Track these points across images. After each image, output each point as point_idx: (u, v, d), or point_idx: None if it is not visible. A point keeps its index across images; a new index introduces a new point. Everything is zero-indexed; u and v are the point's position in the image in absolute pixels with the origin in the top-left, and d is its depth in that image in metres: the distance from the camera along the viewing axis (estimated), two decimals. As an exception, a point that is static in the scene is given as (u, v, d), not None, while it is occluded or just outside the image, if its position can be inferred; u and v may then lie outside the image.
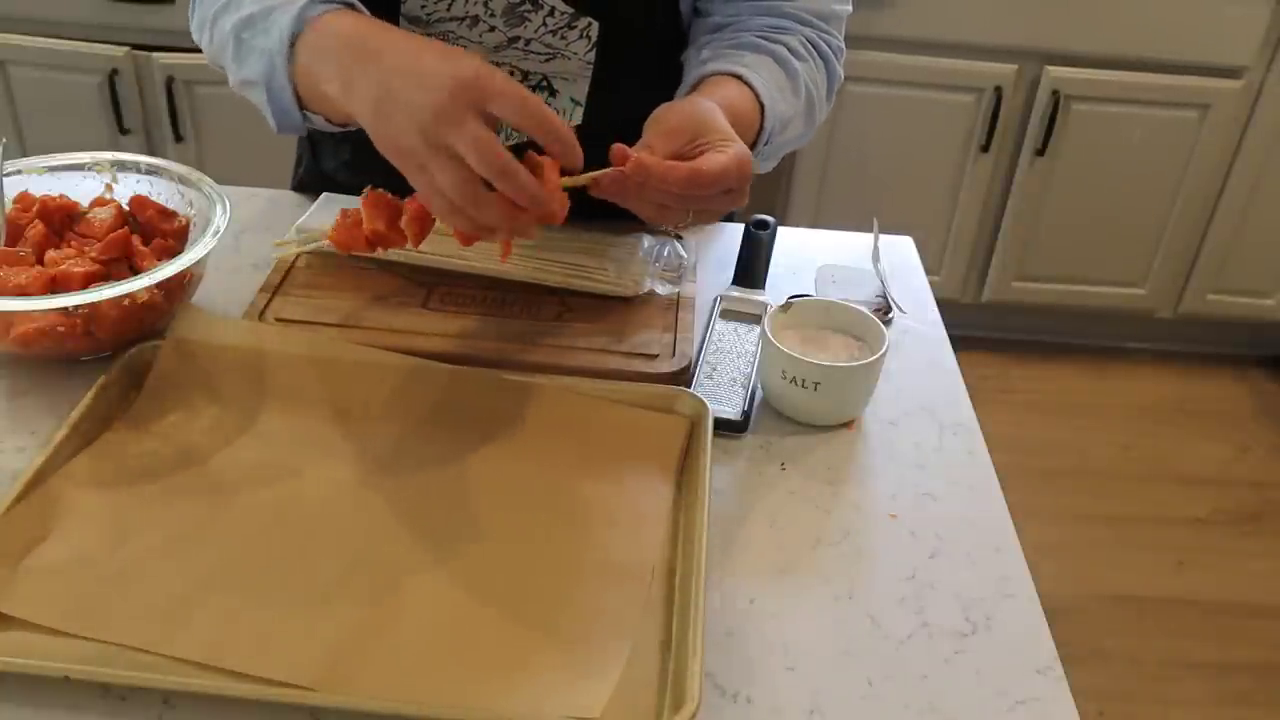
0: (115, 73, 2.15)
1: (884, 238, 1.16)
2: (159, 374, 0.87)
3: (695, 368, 0.94)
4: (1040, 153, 2.33)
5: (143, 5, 2.12)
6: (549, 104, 1.04)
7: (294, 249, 0.92)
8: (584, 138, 1.05)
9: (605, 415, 0.86)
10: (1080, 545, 2.12)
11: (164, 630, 0.67)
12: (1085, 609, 1.98)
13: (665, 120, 0.81)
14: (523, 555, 0.75)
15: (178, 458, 0.81)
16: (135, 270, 0.92)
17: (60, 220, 0.96)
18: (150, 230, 0.97)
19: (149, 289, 0.88)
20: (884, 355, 0.89)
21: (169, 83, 2.16)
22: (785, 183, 2.41)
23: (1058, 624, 0.74)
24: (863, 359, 0.89)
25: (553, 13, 0.96)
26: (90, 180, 1.00)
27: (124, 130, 2.21)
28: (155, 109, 2.21)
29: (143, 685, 0.64)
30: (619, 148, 0.75)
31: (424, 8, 0.96)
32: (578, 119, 1.05)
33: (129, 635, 0.67)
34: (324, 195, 1.07)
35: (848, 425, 0.91)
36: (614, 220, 1.07)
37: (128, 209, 0.98)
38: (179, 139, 2.23)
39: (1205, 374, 2.63)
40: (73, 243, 0.94)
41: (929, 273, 1.14)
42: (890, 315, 1.05)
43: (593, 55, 0.99)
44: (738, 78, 0.91)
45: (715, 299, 1.03)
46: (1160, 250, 2.48)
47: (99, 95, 2.18)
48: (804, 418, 0.90)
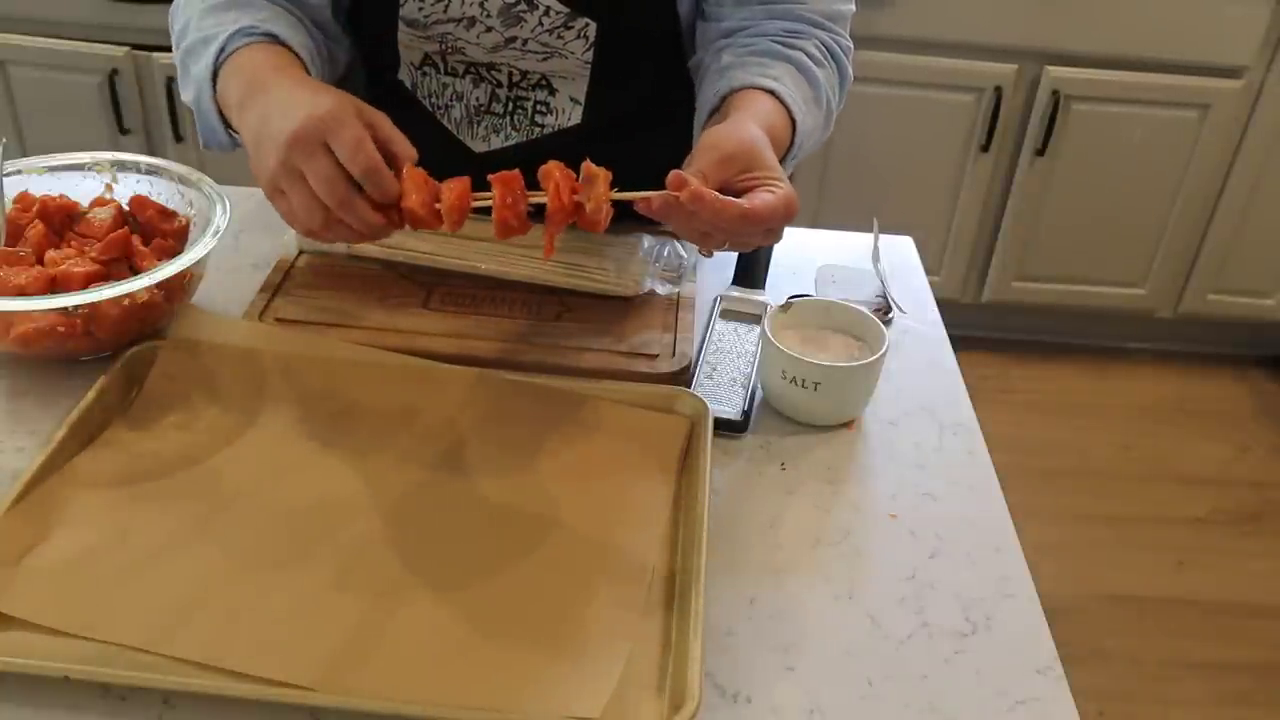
0: (115, 73, 2.15)
1: (884, 238, 1.16)
2: (159, 374, 0.87)
3: (695, 368, 0.94)
4: (1040, 153, 2.33)
5: (143, 5, 2.12)
6: (547, 103, 1.04)
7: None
8: (583, 136, 1.05)
9: (605, 415, 0.86)
10: (1080, 545, 2.12)
11: (164, 630, 0.67)
12: (1085, 609, 1.98)
13: (720, 147, 0.80)
14: (522, 555, 0.75)
15: (178, 458, 0.81)
16: (135, 270, 0.92)
17: (60, 220, 0.96)
18: (150, 230, 0.97)
19: (149, 289, 0.88)
20: (884, 355, 0.89)
21: (169, 83, 2.16)
22: (785, 183, 2.40)
23: (1058, 624, 0.74)
24: (863, 359, 0.89)
25: (549, 13, 0.96)
26: (90, 180, 1.00)
27: (124, 130, 2.21)
28: (155, 109, 2.21)
29: (143, 685, 0.64)
30: (677, 175, 0.76)
31: (421, 10, 0.97)
32: (577, 118, 1.05)
33: (129, 635, 0.67)
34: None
35: (848, 425, 0.91)
36: (615, 221, 1.08)
37: (128, 209, 0.98)
38: (179, 139, 2.23)
39: (1205, 374, 2.63)
40: (73, 243, 0.94)
41: (929, 273, 1.14)
42: (890, 315, 1.05)
43: (590, 55, 1.00)
44: (770, 93, 0.90)
45: (715, 299, 1.03)
46: (1160, 250, 2.48)
47: (99, 95, 2.18)
48: (804, 418, 0.90)
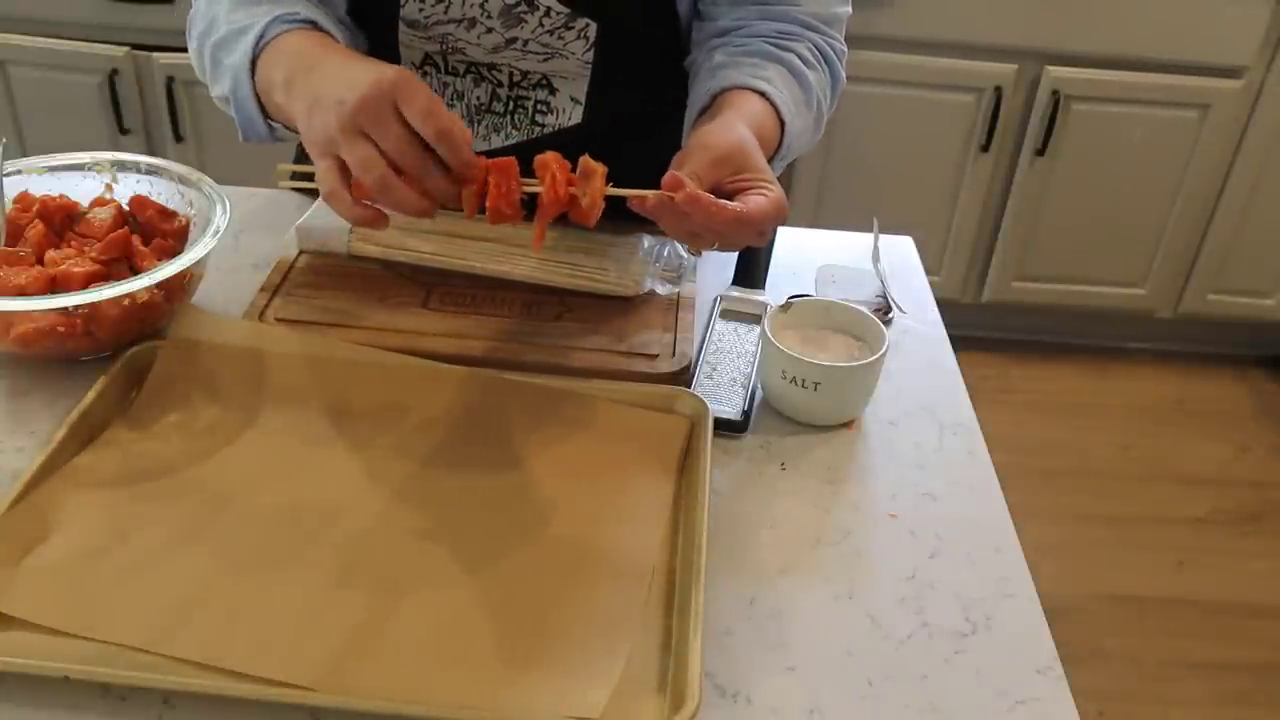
0: (115, 73, 2.15)
1: (884, 238, 1.16)
2: (159, 374, 0.87)
3: (695, 368, 0.94)
4: (1040, 153, 2.34)
5: (143, 5, 2.12)
6: (548, 102, 1.04)
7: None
8: (583, 136, 1.05)
9: (605, 415, 0.86)
10: (1080, 545, 2.12)
11: (164, 630, 0.67)
12: (1085, 609, 1.98)
13: (712, 149, 0.81)
14: (522, 555, 0.75)
15: (178, 458, 0.81)
16: (135, 270, 0.92)
17: (60, 220, 0.96)
18: (150, 230, 0.97)
19: (149, 289, 0.88)
20: (884, 355, 0.89)
21: (169, 83, 2.16)
22: (785, 183, 2.40)
23: (1058, 624, 0.74)
24: (863, 359, 0.89)
25: (549, 13, 0.96)
26: (90, 180, 1.00)
27: (124, 130, 2.21)
28: (155, 109, 2.21)
29: (143, 685, 0.64)
30: (674, 176, 0.77)
31: (421, 11, 0.97)
32: (577, 118, 1.05)
33: (129, 635, 0.67)
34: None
35: (848, 425, 0.91)
36: (614, 220, 1.08)
37: (128, 209, 0.98)
38: (179, 139, 2.23)
39: (1205, 374, 2.63)
40: (73, 243, 0.94)
41: (929, 273, 1.14)
42: (890, 315, 1.05)
43: (591, 55, 1.00)
44: (761, 94, 0.91)
45: (715, 299, 1.03)
46: (1160, 250, 2.48)
47: (99, 95, 2.18)
48: (804, 418, 0.90)
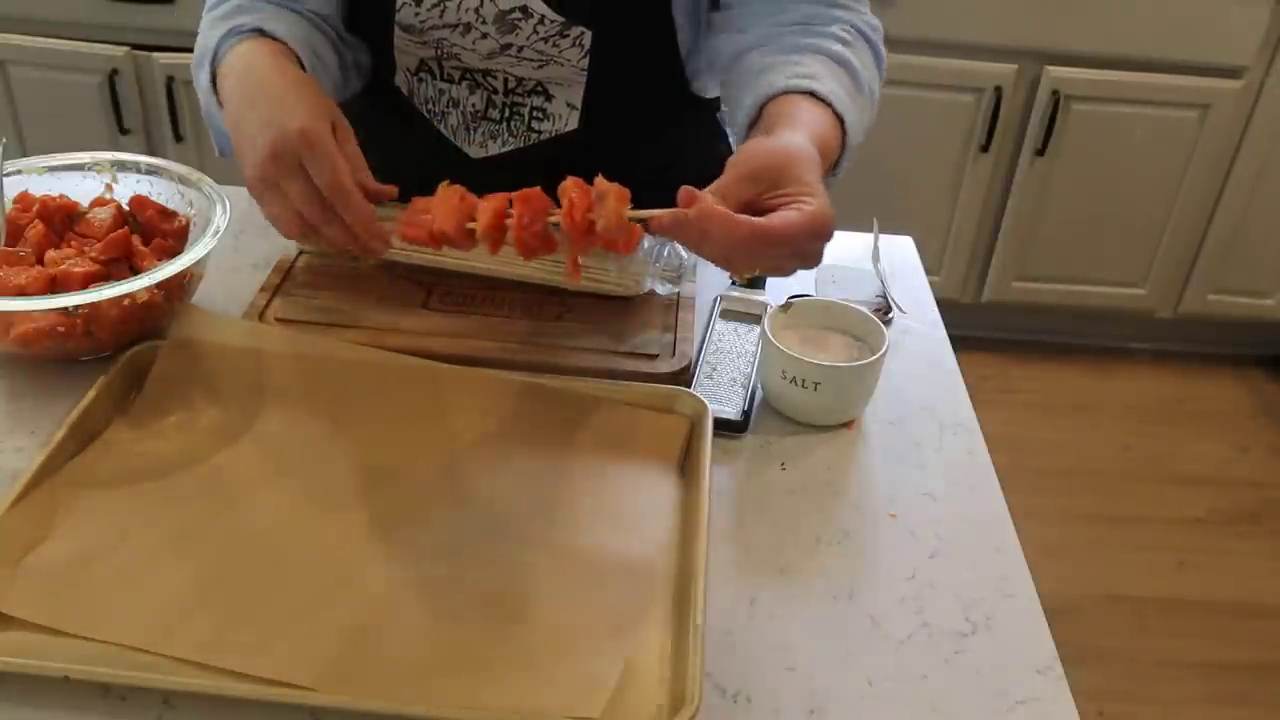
0: (115, 73, 2.15)
1: (884, 238, 1.16)
2: (159, 374, 0.87)
3: (695, 368, 0.94)
4: (1040, 153, 2.33)
5: (143, 5, 2.12)
6: (544, 109, 1.04)
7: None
8: (581, 142, 1.05)
9: (605, 415, 0.86)
10: (1080, 545, 2.12)
11: (164, 630, 0.67)
12: (1085, 609, 1.98)
13: (746, 163, 0.74)
14: (522, 555, 0.75)
15: (178, 458, 0.81)
16: (135, 270, 0.92)
17: (60, 220, 0.96)
18: (150, 230, 0.97)
19: (149, 289, 0.88)
20: (884, 355, 0.89)
21: (169, 83, 2.16)
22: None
23: (1058, 624, 0.74)
24: (863, 359, 0.89)
25: (543, 21, 0.95)
26: (90, 180, 1.00)
27: (124, 130, 2.21)
28: (155, 109, 2.21)
29: (142, 685, 0.64)
30: (687, 191, 0.70)
31: (417, 15, 0.96)
32: (574, 123, 1.04)
33: (129, 635, 0.67)
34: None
35: (848, 425, 0.91)
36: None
37: (128, 209, 0.98)
38: (179, 139, 2.23)
39: (1205, 374, 2.63)
40: (73, 243, 0.94)
41: (929, 273, 1.14)
42: (890, 315, 1.05)
43: (586, 62, 0.99)
44: (809, 94, 0.85)
45: (715, 299, 1.03)
46: (1160, 250, 2.48)
47: (99, 95, 2.18)
48: (804, 418, 0.90)
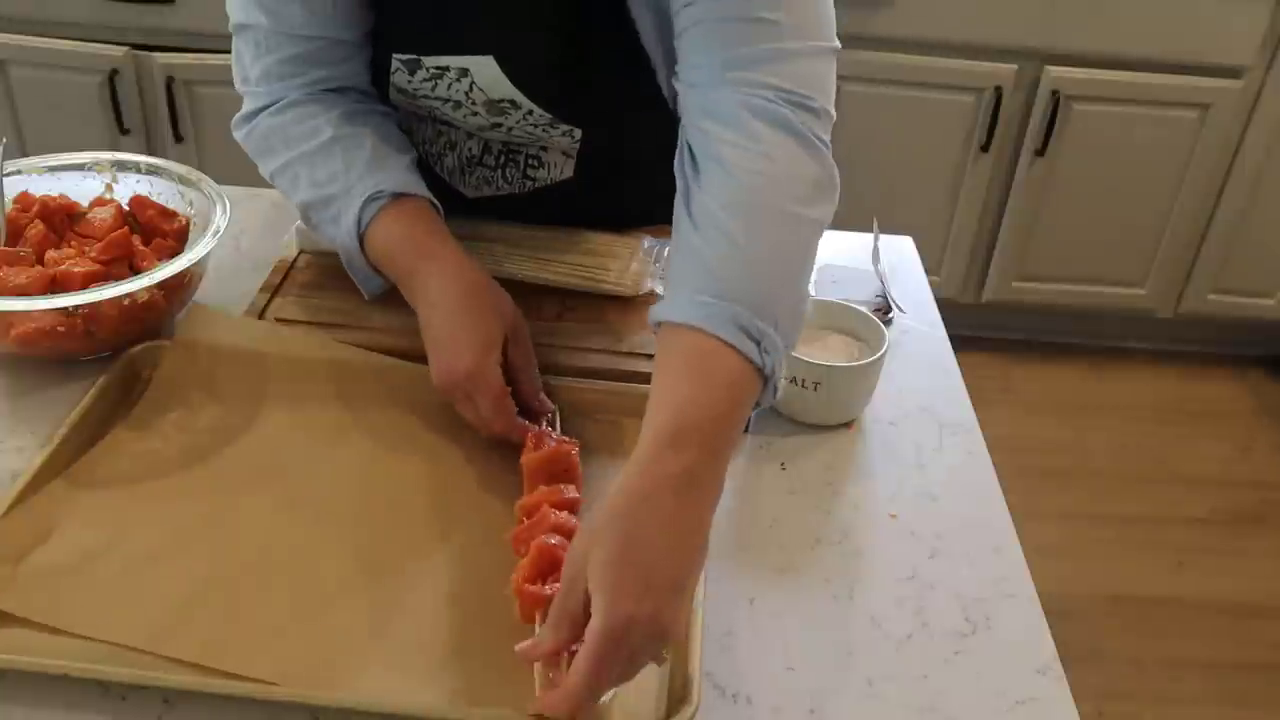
0: (115, 73, 2.15)
1: (884, 238, 1.16)
2: (161, 374, 0.87)
3: (695, 368, 0.94)
4: (1040, 153, 2.33)
5: (143, 5, 2.12)
6: (539, 158, 1.02)
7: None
8: (574, 190, 1.03)
9: (603, 415, 0.86)
10: (1080, 545, 2.12)
11: (165, 629, 0.67)
12: (1085, 609, 1.98)
13: (563, 573, 0.65)
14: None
15: (179, 458, 0.81)
16: (135, 270, 0.92)
17: (60, 220, 0.96)
18: (150, 230, 0.97)
19: (149, 289, 0.88)
20: (884, 355, 0.89)
21: (169, 83, 2.16)
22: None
23: (1058, 624, 0.74)
24: (863, 359, 0.89)
25: (531, 113, 0.95)
26: (90, 180, 1.00)
27: (124, 130, 2.21)
28: (155, 109, 2.21)
29: (142, 684, 0.64)
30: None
31: (410, 83, 0.95)
32: (568, 172, 1.04)
33: (129, 635, 0.67)
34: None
35: (848, 425, 0.91)
36: (607, 227, 1.07)
37: (128, 209, 0.98)
38: (179, 139, 2.23)
39: (1205, 374, 2.63)
40: (73, 243, 0.94)
41: (929, 273, 1.14)
42: (890, 315, 1.05)
43: (578, 148, 1.00)
44: (694, 328, 0.70)
45: (715, 299, 1.03)
46: (1160, 250, 2.47)
47: (99, 95, 2.18)
48: (804, 418, 0.90)
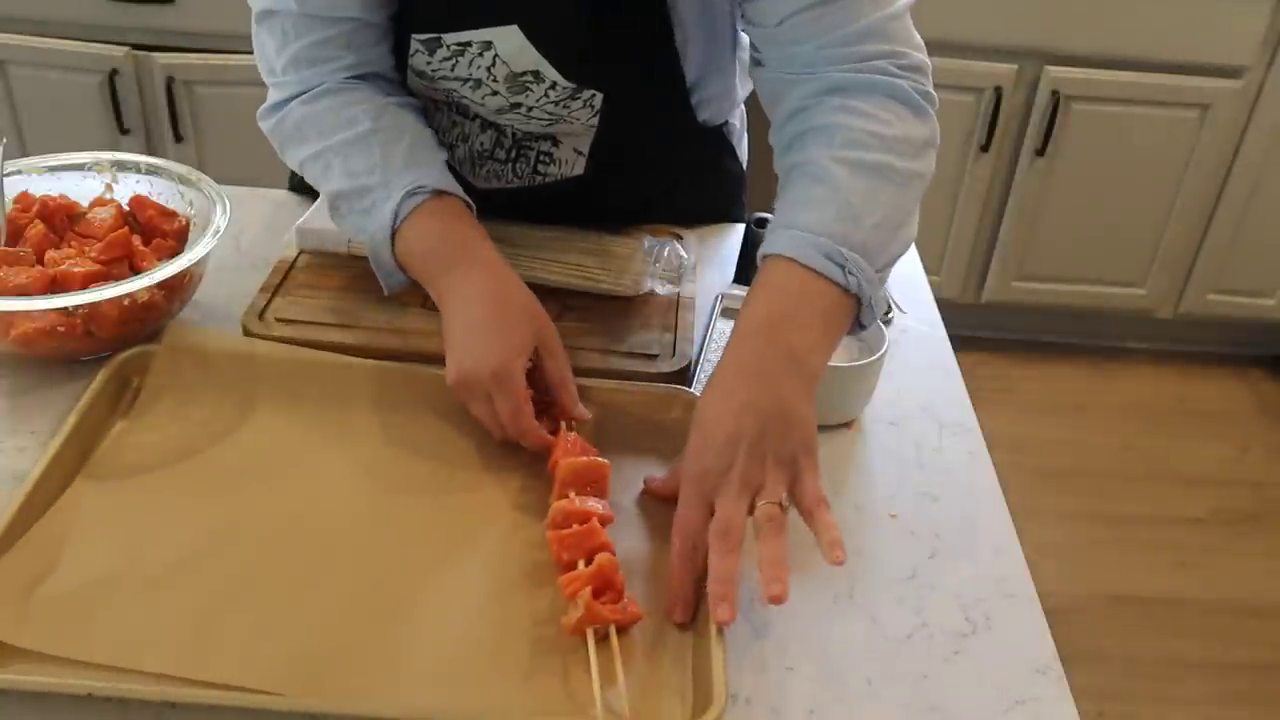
0: (115, 73, 2.15)
1: (884, 238, 1.16)
2: (151, 388, 0.86)
3: (695, 367, 0.94)
4: (1040, 153, 2.33)
5: (143, 5, 2.12)
6: (551, 154, 1.03)
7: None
8: (586, 185, 1.04)
9: (603, 416, 0.86)
10: (1080, 545, 2.12)
11: (191, 653, 0.66)
12: (1085, 609, 1.98)
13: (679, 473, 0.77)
14: (525, 555, 0.75)
15: (176, 476, 0.80)
16: (135, 270, 0.92)
17: (60, 220, 0.96)
18: (150, 230, 0.97)
19: (149, 289, 0.88)
20: (884, 355, 0.89)
21: (169, 83, 2.16)
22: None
23: (1058, 624, 0.74)
24: (863, 359, 0.89)
25: (554, 86, 0.95)
26: (90, 180, 1.00)
27: (124, 130, 2.21)
28: (155, 109, 2.21)
29: (171, 700, 0.64)
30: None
31: (429, 64, 0.96)
32: (580, 168, 1.04)
33: (157, 663, 0.66)
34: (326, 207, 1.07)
35: (848, 425, 0.91)
36: (614, 221, 1.08)
37: (128, 209, 0.98)
38: (179, 139, 2.23)
39: (1205, 374, 2.63)
40: (73, 243, 0.94)
41: (929, 273, 1.14)
42: (890, 315, 1.04)
43: (596, 120, 0.99)
44: (791, 260, 0.80)
45: (716, 298, 1.03)
46: (1160, 250, 2.47)
47: (99, 95, 2.18)
48: (804, 418, 0.90)
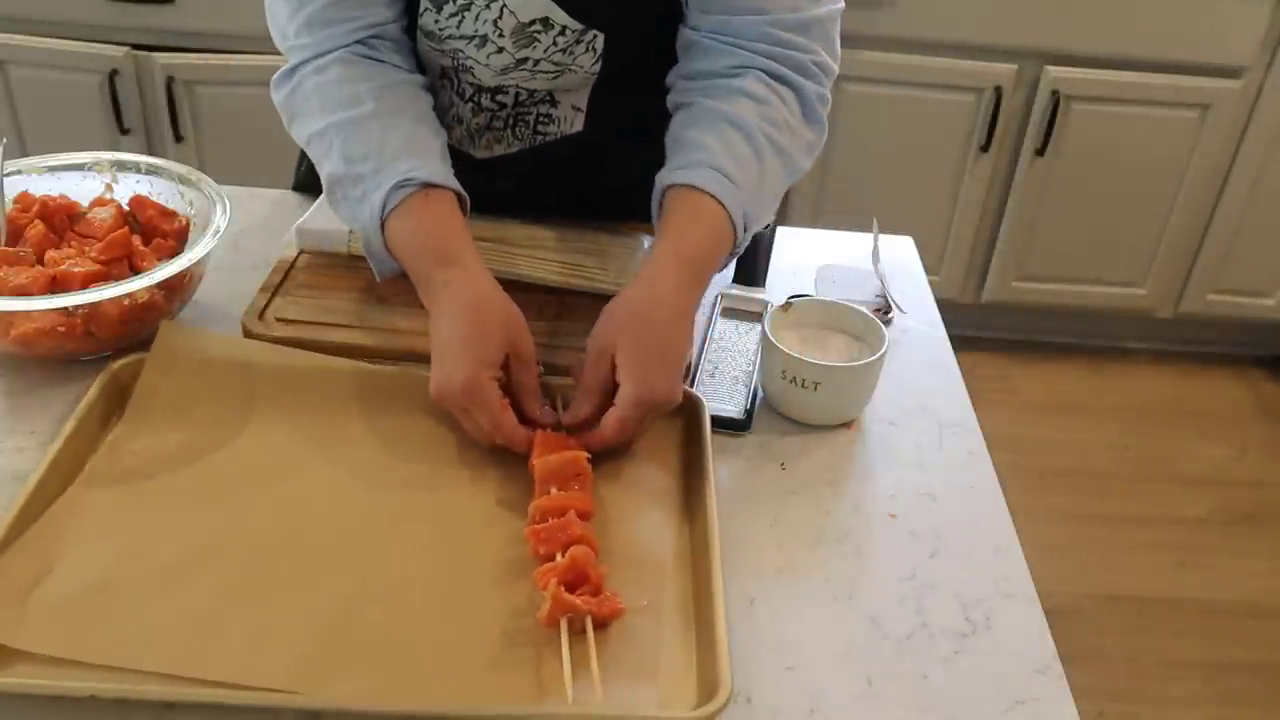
0: (115, 73, 2.15)
1: (884, 238, 1.16)
2: (142, 392, 0.86)
3: (696, 367, 0.94)
4: (1040, 153, 2.33)
5: (143, 5, 2.12)
6: (549, 114, 1.03)
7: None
8: (585, 143, 1.05)
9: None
10: (1080, 545, 2.12)
11: (192, 652, 0.66)
12: (1085, 609, 1.98)
13: (589, 350, 0.84)
14: (515, 553, 0.75)
15: (176, 471, 0.80)
16: (135, 270, 0.92)
17: (60, 220, 0.96)
18: (150, 230, 0.97)
19: (149, 289, 0.88)
20: (884, 355, 0.89)
21: (169, 83, 2.16)
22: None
23: (1057, 624, 0.74)
24: (863, 359, 0.89)
25: (563, 31, 0.95)
26: (90, 180, 1.00)
27: (124, 130, 2.21)
28: (155, 109, 2.21)
29: (172, 700, 0.64)
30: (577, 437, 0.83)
31: (437, 23, 0.96)
32: (579, 125, 1.04)
33: (160, 662, 0.66)
34: (324, 195, 1.07)
35: (848, 425, 0.91)
36: (614, 220, 1.08)
37: (128, 209, 0.98)
38: (179, 139, 2.23)
39: (1205, 374, 2.63)
40: (73, 243, 0.94)
41: (929, 273, 1.14)
42: (890, 315, 1.05)
43: (598, 67, 0.99)
44: (692, 187, 0.89)
45: (716, 297, 1.03)
46: (1160, 250, 2.47)
47: (99, 95, 2.18)
48: (804, 418, 0.90)
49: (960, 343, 1.03)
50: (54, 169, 1.00)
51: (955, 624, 0.74)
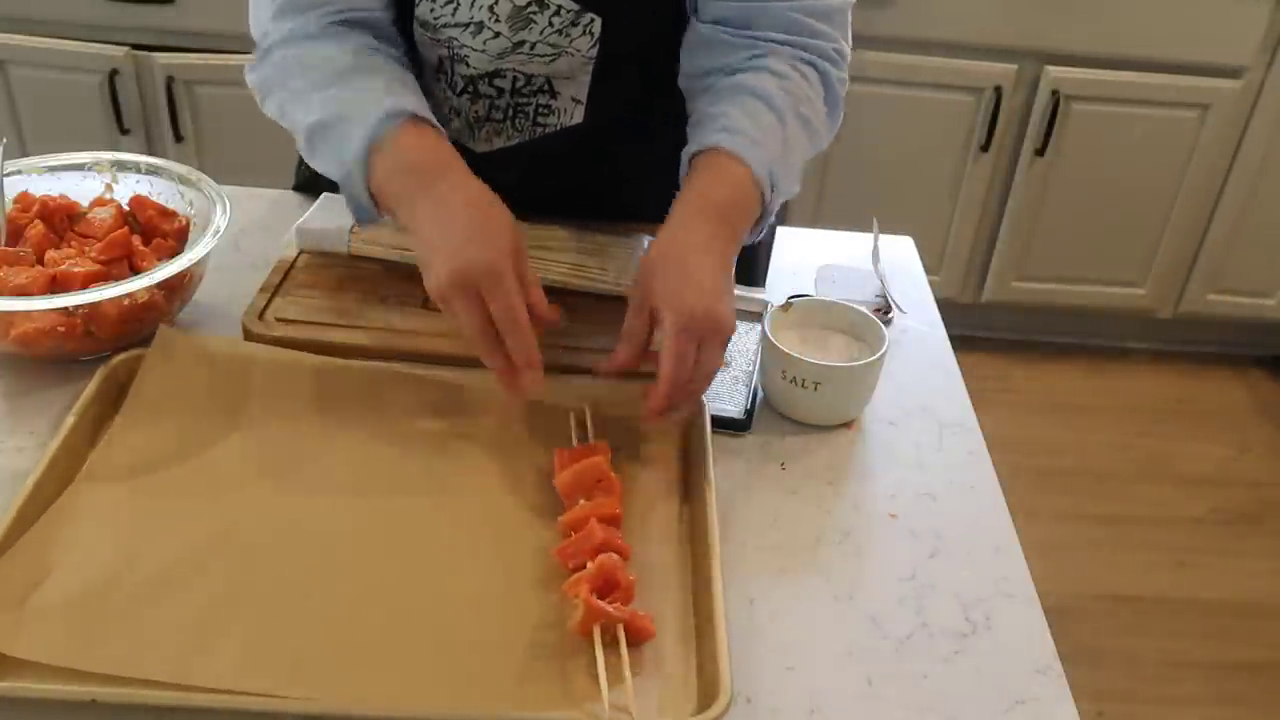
0: (115, 73, 2.15)
1: (884, 238, 1.16)
2: (137, 394, 0.86)
3: (695, 368, 0.94)
4: (1040, 153, 2.33)
5: (143, 5, 2.12)
6: (549, 105, 1.04)
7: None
8: (585, 135, 1.05)
9: (604, 414, 0.86)
10: (1080, 545, 2.12)
11: (190, 659, 0.66)
12: (1085, 609, 1.98)
13: (629, 304, 0.85)
14: (528, 559, 0.75)
15: (173, 472, 0.80)
16: (135, 270, 0.92)
17: (60, 220, 0.96)
18: (150, 230, 0.97)
19: (149, 289, 0.88)
20: (884, 355, 0.89)
21: (169, 83, 2.16)
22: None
23: (1057, 624, 0.74)
24: (863, 359, 0.89)
25: (559, 12, 0.95)
26: (90, 180, 1.00)
27: (124, 130, 2.21)
28: (155, 109, 2.21)
29: (171, 705, 0.64)
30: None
31: (432, 11, 0.96)
32: (579, 117, 1.04)
33: (157, 670, 0.65)
34: (324, 195, 1.07)
35: (848, 425, 0.91)
36: (614, 220, 1.08)
37: (128, 209, 0.98)
38: (179, 139, 2.23)
39: (1205, 374, 2.63)
40: (73, 243, 0.94)
41: (929, 273, 1.14)
42: (890, 315, 1.05)
43: (595, 51, 0.99)
44: (717, 148, 0.89)
45: (715, 299, 1.03)
46: (1160, 250, 2.48)
47: (99, 95, 2.18)
48: (804, 418, 0.90)
49: (960, 343, 1.03)
50: (54, 169, 1.00)
51: (955, 624, 0.74)
